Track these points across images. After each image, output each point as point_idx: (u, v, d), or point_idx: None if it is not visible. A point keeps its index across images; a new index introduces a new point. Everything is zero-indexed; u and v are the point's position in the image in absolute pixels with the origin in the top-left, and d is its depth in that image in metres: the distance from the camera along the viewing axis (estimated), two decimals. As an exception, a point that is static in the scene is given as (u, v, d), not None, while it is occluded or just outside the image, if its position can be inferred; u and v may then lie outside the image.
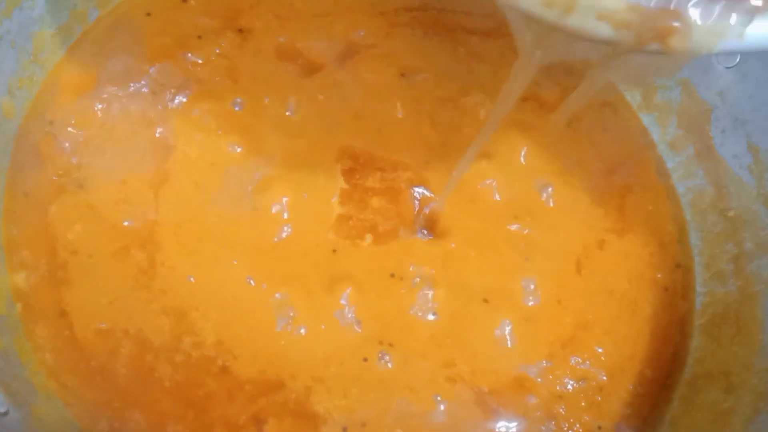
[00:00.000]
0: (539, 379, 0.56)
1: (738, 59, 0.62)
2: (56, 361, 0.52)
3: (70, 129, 0.57)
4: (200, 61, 0.61)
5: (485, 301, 0.57)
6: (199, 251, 0.56)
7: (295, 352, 0.54)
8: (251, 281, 0.55)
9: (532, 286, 0.58)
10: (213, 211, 0.57)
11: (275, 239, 0.57)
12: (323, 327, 0.55)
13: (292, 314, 0.55)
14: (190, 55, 0.61)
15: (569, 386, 0.56)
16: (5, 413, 0.46)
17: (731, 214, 0.62)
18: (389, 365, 0.54)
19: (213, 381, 0.53)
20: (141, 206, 0.56)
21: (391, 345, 0.55)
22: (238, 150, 0.59)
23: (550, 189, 0.62)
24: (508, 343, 0.56)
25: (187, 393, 0.52)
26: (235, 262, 0.55)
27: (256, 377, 0.53)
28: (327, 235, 0.57)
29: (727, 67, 0.63)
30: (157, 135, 0.58)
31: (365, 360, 0.54)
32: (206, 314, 0.54)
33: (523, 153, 0.63)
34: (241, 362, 0.53)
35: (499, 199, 0.61)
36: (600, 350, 0.58)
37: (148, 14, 0.62)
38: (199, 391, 0.52)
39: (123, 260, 0.55)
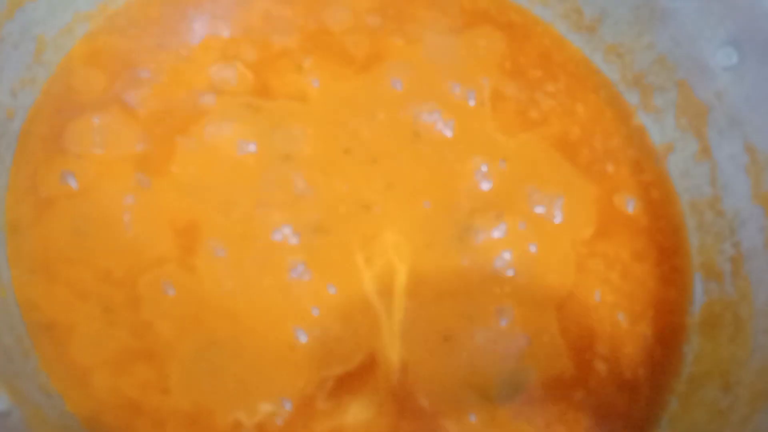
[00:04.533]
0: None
1: (735, 60, 0.62)
2: (58, 360, 0.52)
3: (72, 127, 0.57)
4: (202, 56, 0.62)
5: None
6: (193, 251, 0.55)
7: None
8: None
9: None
10: (216, 209, 0.57)
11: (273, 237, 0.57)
12: None
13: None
14: (195, 50, 0.61)
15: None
16: (8, 412, 0.46)
17: (728, 214, 0.63)
18: None
19: None
20: (139, 209, 0.56)
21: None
22: (250, 149, 0.59)
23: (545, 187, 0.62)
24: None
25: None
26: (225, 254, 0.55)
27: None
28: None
29: (724, 68, 0.63)
30: (160, 132, 0.58)
31: None
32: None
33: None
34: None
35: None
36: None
37: (152, 13, 0.63)
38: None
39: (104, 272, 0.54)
